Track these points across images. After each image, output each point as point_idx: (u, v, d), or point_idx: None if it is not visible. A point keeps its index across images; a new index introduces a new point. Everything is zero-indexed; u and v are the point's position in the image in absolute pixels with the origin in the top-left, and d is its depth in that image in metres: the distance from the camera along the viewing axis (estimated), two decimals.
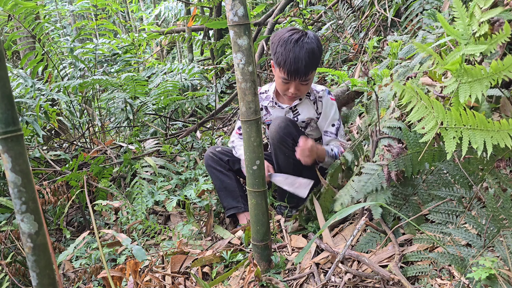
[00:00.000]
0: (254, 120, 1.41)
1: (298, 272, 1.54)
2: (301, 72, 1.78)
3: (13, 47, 3.29)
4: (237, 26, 1.33)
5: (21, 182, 0.80)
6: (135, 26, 7.35)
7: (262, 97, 2.06)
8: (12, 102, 0.79)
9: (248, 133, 1.43)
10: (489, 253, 1.21)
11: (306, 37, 1.79)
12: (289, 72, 1.79)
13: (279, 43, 1.80)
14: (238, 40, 1.34)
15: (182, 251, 1.78)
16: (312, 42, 1.79)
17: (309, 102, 1.99)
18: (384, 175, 1.48)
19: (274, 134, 1.85)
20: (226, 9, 1.33)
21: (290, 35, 1.79)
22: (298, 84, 1.84)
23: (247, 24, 1.34)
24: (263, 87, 2.10)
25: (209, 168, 2.07)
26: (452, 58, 1.25)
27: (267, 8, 5.02)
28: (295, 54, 1.76)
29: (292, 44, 1.77)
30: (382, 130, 1.61)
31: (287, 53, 1.77)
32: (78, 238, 1.30)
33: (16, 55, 5.74)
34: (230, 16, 1.33)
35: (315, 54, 1.79)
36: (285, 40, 1.79)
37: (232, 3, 1.31)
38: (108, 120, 4.10)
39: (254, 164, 1.46)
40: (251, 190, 1.49)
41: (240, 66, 1.37)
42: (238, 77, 1.38)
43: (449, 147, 1.23)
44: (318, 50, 1.81)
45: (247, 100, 1.39)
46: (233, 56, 1.37)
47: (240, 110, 1.43)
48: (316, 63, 1.82)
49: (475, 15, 1.26)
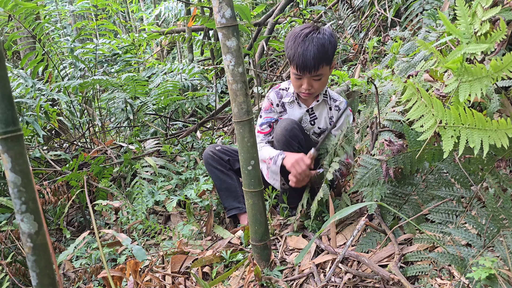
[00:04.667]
0: (246, 120, 1.41)
1: (298, 273, 1.54)
2: (309, 65, 1.76)
3: (14, 47, 3.29)
4: (225, 28, 1.34)
5: (21, 182, 0.80)
6: (135, 26, 7.35)
7: (282, 93, 2.00)
8: (12, 102, 0.79)
9: (242, 134, 1.43)
10: (489, 253, 1.21)
11: (317, 31, 1.78)
12: (298, 65, 1.78)
13: (290, 38, 1.81)
14: (227, 42, 1.35)
15: (182, 251, 1.78)
16: (323, 37, 1.77)
17: (326, 107, 1.97)
18: (382, 171, 1.48)
19: (280, 136, 1.83)
20: (214, 12, 1.34)
21: (301, 29, 1.79)
22: (310, 79, 1.82)
23: (235, 25, 1.34)
24: (282, 84, 2.04)
25: (209, 167, 2.07)
26: (453, 56, 1.25)
27: (267, 8, 5.02)
28: (304, 47, 1.75)
29: (301, 38, 1.76)
30: (382, 122, 1.61)
31: (296, 47, 1.76)
32: (78, 238, 1.30)
33: (16, 55, 5.74)
34: (217, 18, 1.33)
35: (325, 48, 1.76)
36: (296, 34, 1.79)
37: (219, 6, 1.32)
38: (109, 120, 4.10)
39: (249, 164, 1.46)
40: (247, 190, 1.49)
41: (230, 68, 1.37)
42: (229, 79, 1.39)
43: (447, 146, 1.23)
44: (329, 44, 1.78)
45: (239, 101, 1.40)
46: (223, 58, 1.38)
47: (232, 111, 1.43)
48: (327, 57, 1.79)
49: (477, 14, 1.26)
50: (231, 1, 1.33)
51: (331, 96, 1.98)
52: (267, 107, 1.99)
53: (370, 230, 1.58)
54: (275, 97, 1.98)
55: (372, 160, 1.52)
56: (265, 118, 1.99)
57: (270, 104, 1.98)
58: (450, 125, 1.23)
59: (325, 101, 1.97)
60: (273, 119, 1.98)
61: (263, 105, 2.00)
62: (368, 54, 2.87)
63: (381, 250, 1.46)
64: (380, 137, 1.58)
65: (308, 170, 1.74)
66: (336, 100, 1.97)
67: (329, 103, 1.97)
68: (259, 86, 3.07)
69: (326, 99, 1.96)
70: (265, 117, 1.99)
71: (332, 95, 1.99)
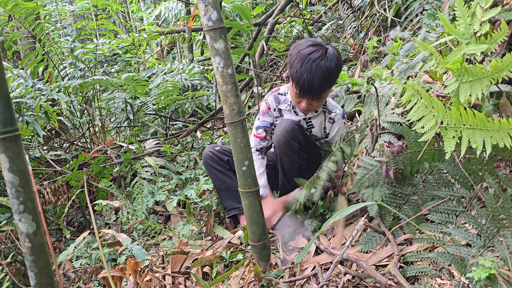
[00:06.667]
0: (238, 121, 1.41)
1: (298, 273, 1.53)
2: (314, 92, 1.74)
3: (14, 47, 3.30)
4: (212, 30, 1.34)
5: (19, 182, 0.80)
6: (136, 26, 7.35)
7: (280, 98, 1.98)
8: (9, 102, 0.79)
9: (234, 135, 1.43)
10: (489, 253, 1.21)
11: (325, 56, 1.71)
12: (301, 90, 1.75)
13: (296, 58, 1.74)
14: (215, 44, 1.35)
15: (182, 251, 1.78)
16: (331, 61, 1.71)
17: (322, 118, 1.96)
18: (382, 172, 1.47)
19: (280, 137, 1.83)
20: (200, 15, 1.35)
21: (309, 53, 1.71)
22: (310, 100, 1.80)
23: (222, 27, 1.35)
24: (281, 88, 2.01)
25: (208, 167, 2.07)
26: (453, 57, 1.25)
27: (267, 8, 5.02)
28: (310, 74, 1.69)
29: (309, 63, 1.70)
30: (382, 125, 1.61)
31: (302, 71, 1.70)
32: (78, 238, 1.30)
33: (16, 55, 5.74)
34: (204, 21, 1.34)
35: (331, 74, 1.72)
36: (303, 56, 1.72)
37: (205, 9, 1.32)
38: (109, 120, 4.10)
39: (243, 165, 1.46)
40: (243, 191, 1.49)
41: (219, 70, 1.37)
42: (219, 80, 1.39)
43: (448, 146, 1.23)
44: (335, 69, 1.73)
45: (230, 102, 1.40)
46: (212, 60, 1.38)
47: (224, 113, 1.43)
48: (332, 83, 1.76)
49: (476, 14, 1.25)
50: (217, 4, 1.34)
51: (327, 108, 1.96)
52: (264, 110, 1.99)
53: (369, 230, 1.57)
54: (273, 102, 1.98)
55: (372, 161, 1.51)
56: (262, 122, 1.99)
57: (267, 108, 1.98)
58: (452, 125, 1.23)
59: (323, 112, 1.96)
60: (268, 124, 1.98)
61: (261, 108, 2.01)
62: (368, 54, 2.87)
63: (380, 250, 1.46)
64: (380, 139, 1.58)
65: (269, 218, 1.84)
66: (332, 112, 1.95)
67: (325, 114, 1.96)
68: (259, 86, 3.07)
69: (325, 109, 1.96)
70: (262, 121, 1.99)
71: (329, 105, 1.96)
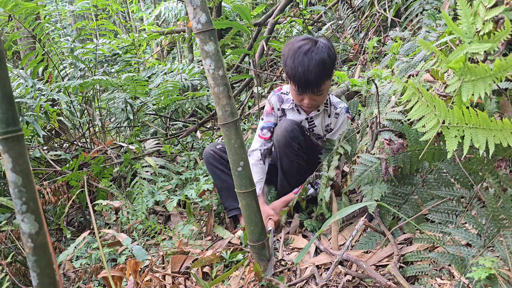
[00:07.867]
0: (232, 122, 1.42)
1: (298, 273, 1.54)
2: (312, 85, 1.73)
3: (14, 47, 3.29)
4: (202, 33, 1.34)
5: (22, 182, 0.80)
6: (136, 26, 7.35)
7: (283, 97, 1.97)
8: (12, 102, 0.79)
9: (228, 136, 1.44)
10: (489, 253, 1.21)
11: (315, 47, 1.71)
12: (300, 86, 1.75)
13: (288, 55, 1.74)
14: (205, 47, 1.36)
15: (182, 251, 1.78)
16: (323, 52, 1.70)
17: (325, 115, 1.95)
18: (381, 169, 1.47)
19: (280, 137, 1.83)
20: (190, 18, 1.36)
21: (299, 47, 1.72)
22: (311, 95, 1.79)
23: (212, 30, 1.35)
24: (283, 87, 2.01)
25: (209, 166, 2.06)
26: (455, 56, 1.25)
27: (267, 8, 5.03)
28: (304, 67, 1.69)
29: (301, 56, 1.69)
30: (382, 122, 1.61)
31: (296, 66, 1.70)
32: (78, 238, 1.30)
33: (16, 55, 5.74)
34: (193, 24, 1.34)
35: (326, 64, 1.71)
36: (294, 51, 1.72)
37: (194, 12, 1.33)
38: (109, 120, 4.10)
39: (239, 165, 1.46)
40: (239, 191, 1.49)
41: (210, 72, 1.38)
42: (211, 83, 1.39)
43: (450, 146, 1.23)
44: (329, 59, 1.72)
45: (222, 103, 1.40)
46: (203, 63, 1.39)
47: (217, 114, 1.44)
48: (328, 73, 1.75)
49: (479, 13, 1.25)
50: (206, 6, 1.34)
51: (332, 103, 1.95)
52: (268, 111, 1.99)
53: (369, 229, 1.58)
54: (277, 102, 1.97)
55: (372, 158, 1.51)
56: (266, 122, 1.99)
57: (271, 108, 1.98)
58: (454, 125, 1.23)
59: (325, 110, 1.95)
60: (272, 124, 1.98)
61: (265, 108, 2.01)
62: (368, 54, 2.87)
63: (380, 250, 1.46)
64: (380, 136, 1.58)
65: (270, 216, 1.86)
66: (337, 107, 1.94)
67: (330, 110, 1.95)
68: (259, 86, 3.07)
69: (327, 108, 1.95)
70: (266, 121, 1.99)
71: (333, 101, 1.96)
